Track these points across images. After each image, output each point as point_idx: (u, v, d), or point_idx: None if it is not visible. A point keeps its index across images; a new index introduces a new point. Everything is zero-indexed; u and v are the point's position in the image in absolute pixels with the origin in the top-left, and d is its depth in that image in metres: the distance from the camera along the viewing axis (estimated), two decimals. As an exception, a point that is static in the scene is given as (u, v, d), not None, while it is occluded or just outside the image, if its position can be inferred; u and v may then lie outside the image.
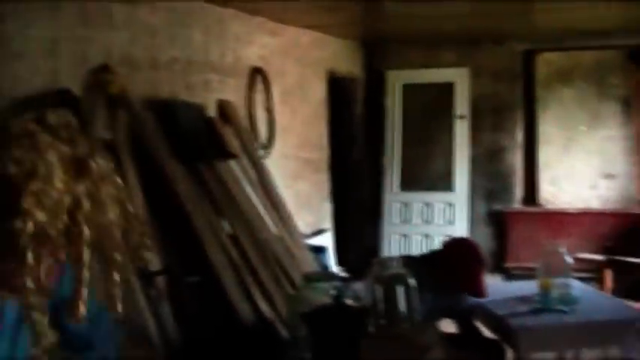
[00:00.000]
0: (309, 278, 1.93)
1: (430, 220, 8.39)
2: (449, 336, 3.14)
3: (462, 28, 7.40)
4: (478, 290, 3.63)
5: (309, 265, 4.90)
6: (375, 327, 2.31)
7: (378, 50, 8.62)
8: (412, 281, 2.32)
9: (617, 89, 8.26)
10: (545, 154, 8.37)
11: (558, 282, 3.90)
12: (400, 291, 2.31)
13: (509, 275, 7.91)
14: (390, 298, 2.31)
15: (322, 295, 1.84)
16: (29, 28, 3.79)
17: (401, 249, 8.34)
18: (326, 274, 1.91)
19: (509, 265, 8.09)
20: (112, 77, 4.19)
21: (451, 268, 3.40)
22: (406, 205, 8.45)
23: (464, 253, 3.68)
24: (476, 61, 8.35)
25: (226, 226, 4.54)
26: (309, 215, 7.12)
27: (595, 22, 7.02)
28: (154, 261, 3.63)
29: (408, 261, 3.50)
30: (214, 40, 5.49)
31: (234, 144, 5.10)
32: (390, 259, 2.34)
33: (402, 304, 2.32)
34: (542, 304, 3.89)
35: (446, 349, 2.38)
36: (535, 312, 3.87)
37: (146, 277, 3.65)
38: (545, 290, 3.89)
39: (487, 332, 3.98)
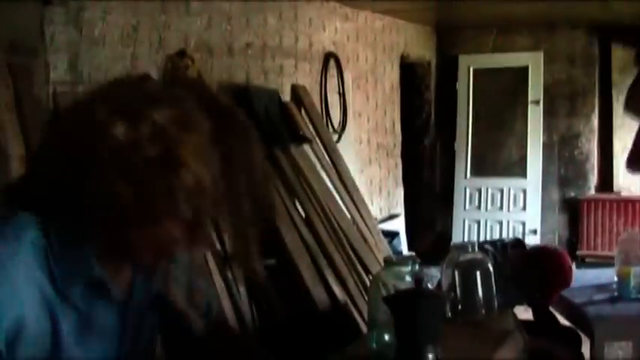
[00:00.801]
0: (390, 262, 1.95)
1: (502, 206, 8.32)
2: (526, 323, 3.12)
3: (535, 11, 7.29)
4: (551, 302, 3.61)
5: (382, 249, 4.92)
6: (452, 313, 2.32)
7: (450, 35, 8.56)
8: (490, 267, 2.32)
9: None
10: (622, 141, 8.20)
11: (637, 270, 3.84)
12: (478, 277, 2.30)
13: (583, 263, 7.80)
14: (468, 283, 2.31)
15: (403, 280, 1.85)
16: (109, 14, 3.89)
17: (472, 234, 8.30)
18: (406, 259, 1.92)
19: (583, 252, 7.98)
20: (188, 63, 4.26)
21: (533, 280, 3.37)
22: (478, 190, 8.39)
23: (550, 269, 3.56)
24: (550, 45, 8.22)
25: (301, 210, 4.59)
26: (382, 200, 7.15)
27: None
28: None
29: (488, 247, 3.49)
30: (288, 26, 5.54)
31: (307, 128, 5.14)
32: (469, 244, 2.34)
33: (479, 290, 2.31)
34: (620, 292, 3.83)
35: (524, 336, 2.37)
36: (612, 301, 3.81)
37: (223, 260, 3.72)
38: (623, 279, 3.83)
39: (564, 320, 3.94)
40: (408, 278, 1.89)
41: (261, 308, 3.88)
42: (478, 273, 2.29)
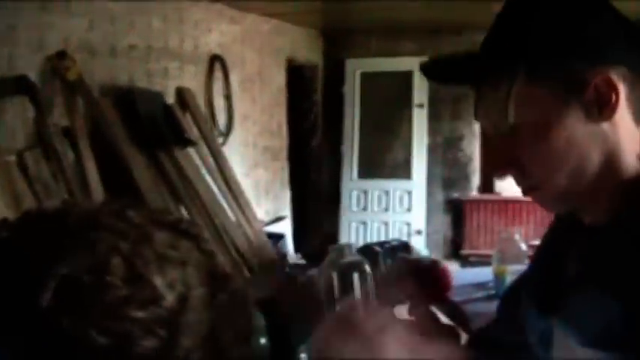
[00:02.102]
0: (264, 265, 1.96)
1: (388, 207, 8.45)
2: (407, 322, 3.17)
3: (422, 17, 7.44)
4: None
5: (267, 251, 4.93)
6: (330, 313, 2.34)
7: (337, 39, 8.63)
8: (368, 269, 2.35)
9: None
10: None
11: (513, 269, 3.96)
12: (356, 278, 2.33)
13: (466, 262, 8.00)
14: (346, 286, 2.34)
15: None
16: (-15, 14, 3.77)
17: (359, 236, 8.40)
18: (281, 261, 1.93)
19: (466, 252, 8.19)
20: (69, 64, 4.17)
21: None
22: (364, 192, 8.50)
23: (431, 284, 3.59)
24: (436, 50, 8.39)
25: (185, 213, 4.55)
26: (268, 203, 7.15)
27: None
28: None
29: (378, 248, 3.52)
30: (173, 28, 5.48)
31: (192, 131, 5.11)
32: (347, 245, 2.37)
33: (357, 291, 2.35)
34: (497, 290, 3.95)
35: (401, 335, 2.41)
36: (489, 298, 3.92)
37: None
38: (499, 277, 3.95)
39: (443, 318, 4.03)
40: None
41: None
42: (356, 275, 2.32)
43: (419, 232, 8.31)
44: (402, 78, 8.37)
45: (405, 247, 3.64)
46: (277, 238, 6.05)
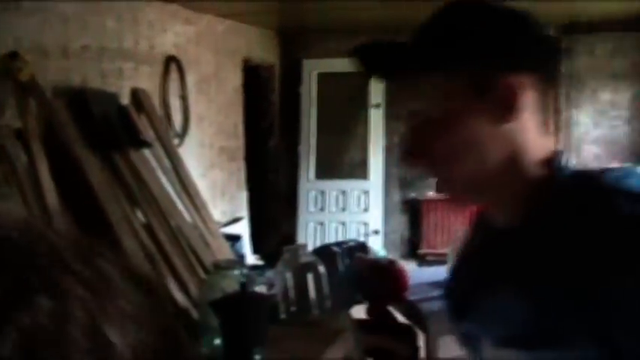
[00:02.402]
0: (218, 266, 1.96)
1: (345, 207, 8.48)
2: (362, 322, 3.19)
3: (378, 17, 7.47)
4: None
5: (224, 253, 4.92)
6: (285, 314, 2.35)
7: (294, 39, 8.64)
8: (322, 269, 2.36)
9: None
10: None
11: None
12: (310, 278, 2.35)
13: (423, 261, 8.06)
14: (301, 285, 2.35)
15: (232, 283, 1.87)
16: None
17: (316, 236, 8.41)
18: (235, 262, 1.93)
19: (423, 251, 8.24)
20: (21, 65, 4.12)
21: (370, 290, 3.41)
22: (322, 193, 8.52)
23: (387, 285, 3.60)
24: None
25: (140, 215, 4.52)
26: (225, 204, 7.13)
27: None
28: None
29: (336, 249, 3.54)
30: (128, 28, 5.44)
31: (148, 132, 5.07)
32: (301, 246, 2.38)
33: (312, 292, 2.36)
34: (452, 289, 3.98)
35: (357, 334, 2.42)
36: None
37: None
38: (454, 276, 3.98)
39: (400, 317, 4.05)
40: (239, 281, 1.91)
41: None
42: (311, 275, 2.33)
43: (376, 232, 8.35)
44: (359, 78, 8.39)
45: (362, 247, 3.67)
46: (234, 239, 6.04)
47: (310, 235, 8.46)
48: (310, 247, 6.62)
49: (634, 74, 8.23)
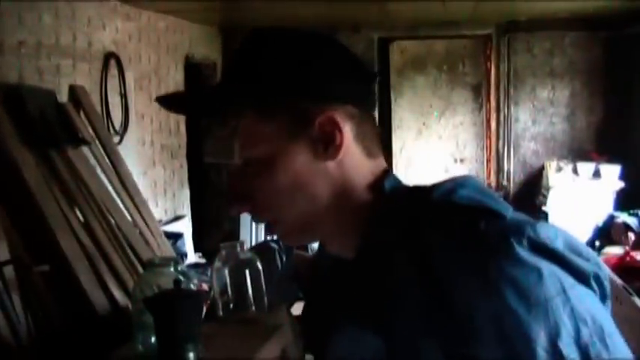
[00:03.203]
0: (152, 263, 1.95)
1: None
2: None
3: (318, 15, 7.50)
4: None
5: (165, 251, 4.89)
6: (223, 311, 2.35)
7: (236, 35, 8.61)
8: (259, 266, 2.37)
9: (468, 77, 8.60)
10: (400, 140, 8.63)
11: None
12: (247, 275, 2.35)
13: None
14: (239, 282, 2.36)
15: (167, 280, 1.86)
16: None
17: (259, 233, 8.41)
18: (170, 259, 1.93)
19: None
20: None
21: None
22: (264, 190, 8.51)
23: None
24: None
25: (79, 214, 4.47)
26: (167, 201, 7.09)
27: (446, 13, 7.28)
28: (1, 250, 3.54)
29: (274, 245, 3.54)
30: (65, 24, 5.36)
31: (86, 130, 5.01)
32: (239, 243, 2.38)
33: (249, 289, 2.36)
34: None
35: (295, 330, 2.44)
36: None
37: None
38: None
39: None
40: (173, 278, 1.91)
41: (37, 317, 3.74)
42: (248, 272, 2.34)
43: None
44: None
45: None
46: (175, 237, 6.01)
47: (253, 232, 8.45)
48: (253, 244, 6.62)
49: (572, 72, 8.41)
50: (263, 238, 7.87)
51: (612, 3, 6.94)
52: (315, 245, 1.34)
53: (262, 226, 8.37)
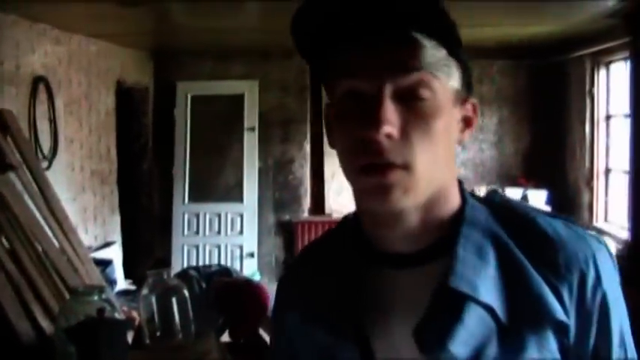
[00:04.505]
0: (76, 292, 1.93)
1: (220, 231, 8.46)
2: (232, 344, 3.20)
3: (251, 41, 7.54)
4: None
5: (94, 278, 4.82)
6: (150, 339, 2.34)
7: (168, 61, 8.60)
8: (186, 293, 2.36)
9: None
10: (333, 165, 8.68)
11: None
12: (174, 303, 2.34)
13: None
14: (165, 310, 2.34)
15: (91, 309, 1.84)
16: None
17: (191, 260, 8.36)
18: (94, 287, 1.91)
19: (298, 273, 8.29)
20: None
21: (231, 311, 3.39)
22: (196, 216, 8.48)
23: (247, 303, 3.55)
24: (265, 74, 8.52)
25: (5, 242, 4.38)
26: (97, 228, 6.99)
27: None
28: None
29: (193, 272, 3.52)
30: (-7, 47, 5.29)
31: (13, 155, 4.93)
32: (165, 270, 2.37)
33: (176, 316, 2.35)
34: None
35: (224, 356, 2.43)
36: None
37: None
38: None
39: (269, 339, 4.07)
40: (98, 306, 1.89)
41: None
42: (174, 299, 2.33)
43: (251, 255, 8.37)
44: (233, 101, 8.44)
45: (224, 271, 3.67)
46: (105, 264, 5.93)
47: (185, 258, 8.40)
48: (183, 271, 6.55)
49: (500, 99, 8.59)
50: (195, 264, 7.81)
51: (536, 33, 7.13)
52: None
53: (193, 252, 8.32)
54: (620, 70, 7.03)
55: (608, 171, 7.40)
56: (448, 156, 1.10)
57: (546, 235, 1.09)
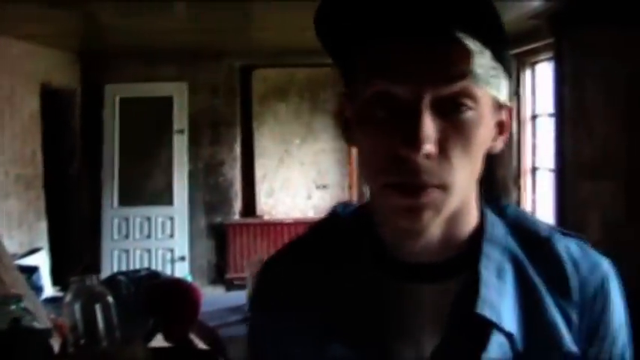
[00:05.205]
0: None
1: (150, 234, 8.37)
2: (161, 350, 3.15)
3: (180, 43, 7.46)
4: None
5: (19, 286, 4.70)
6: (74, 347, 2.29)
7: (96, 63, 8.45)
8: (110, 299, 2.32)
9: (328, 104, 8.71)
10: (263, 167, 8.66)
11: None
12: (98, 309, 2.30)
13: (231, 286, 8.07)
14: (89, 317, 2.30)
15: (7, 319, 1.79)
16: None
17: (121, 264, 8.24)
18: (10, 297, 1.86)
19: (230, 276, 8.26)
20: None
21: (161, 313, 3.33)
22: (126, 220, 8.37)
23: (176, 305, 3.48)
24: (194, 76, 8.45)
25: None
26: (23, 234, 6.84)
27: (307, 41, 7.37)
28: None
29: (122, 278, 3.46)
30: None
31: None
32: (89, 277, 2.33)
33: (100, 323, 2.31)
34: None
35: (151, 364, 2.40)
36: (244, 321, 3.99)
37: None
38: (254, 299, 4.01)
39: (201, 344, 4.03)
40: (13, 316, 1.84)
41: None
42: (98, 306, 2.28)
43: (182, 259, 8.30)
44: (162, 103, 8.35)
45: (154, 275, 3.62)
46: (31, 270, 5.80)
47: (115, 263, 8.28)
48: (113, 276, 6.45)
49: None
50: (126, 269, 7.71)
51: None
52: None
53: (124, 257, 8.21)
54: (545, 70, 7.16)
55: (534, 169, 7.53)
56: (479, 168, 1.02)
57: (560, 258, 1.06)
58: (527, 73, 7.53)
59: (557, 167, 6.24)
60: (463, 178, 0.97)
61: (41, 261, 6.66)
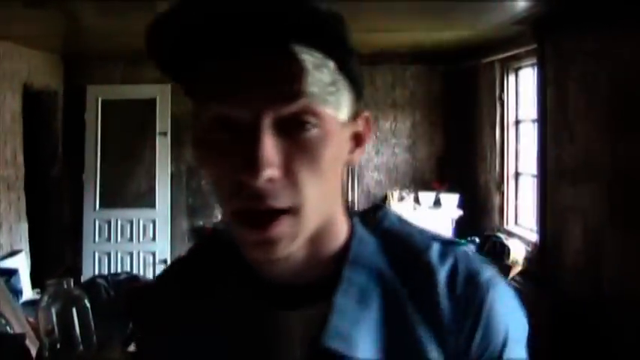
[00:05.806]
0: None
1: (132, 237, 8.32)
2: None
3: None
4: None
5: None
6: (50, 352, 2.26)
7: (78, 64, 8.41)
8: (87, 303, 2.29)
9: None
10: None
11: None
12: (74, 313, 2.27)
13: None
14: (66, 320, 2.27)
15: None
16: None
17: (103, 267, 8.19)
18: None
19: (212, 279, 8.22)
20: None
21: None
22: (108, 222, 8.32)
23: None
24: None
25: None
26: (3, 236, 6.77)
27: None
28: None
29: (101, 281, 3.44)
30: None
31: None
32: (65, 280, 2.30)
33: (77, 327, 2.28)
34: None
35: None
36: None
37: None
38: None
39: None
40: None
41: None
42: (74, 309, 2.25)
43: (164, 262, 8.25)
44: (145, 105, 8.31)
45: (133, 278, 3.60)
46: (10, 273, 5.75)
47: (96, 266, 8.23)
48: (93, 279, 6.41)
49: (413, 104, 8.68)
50: (107, 272, 7.66)
51: (447, 39, 7.22)
52: None
53: (105, 260, 8.16)
54: (528, 75, 7.18)
55: (517, 175, 7.54)
56: (336, 186, 0.97)
57: (432, 272, 1.00)
58: (511, 78, 7.55)
59: (539, 172, 6.26)
60: (315, 199, 0.91)
61: (21, 263, 6.61)
